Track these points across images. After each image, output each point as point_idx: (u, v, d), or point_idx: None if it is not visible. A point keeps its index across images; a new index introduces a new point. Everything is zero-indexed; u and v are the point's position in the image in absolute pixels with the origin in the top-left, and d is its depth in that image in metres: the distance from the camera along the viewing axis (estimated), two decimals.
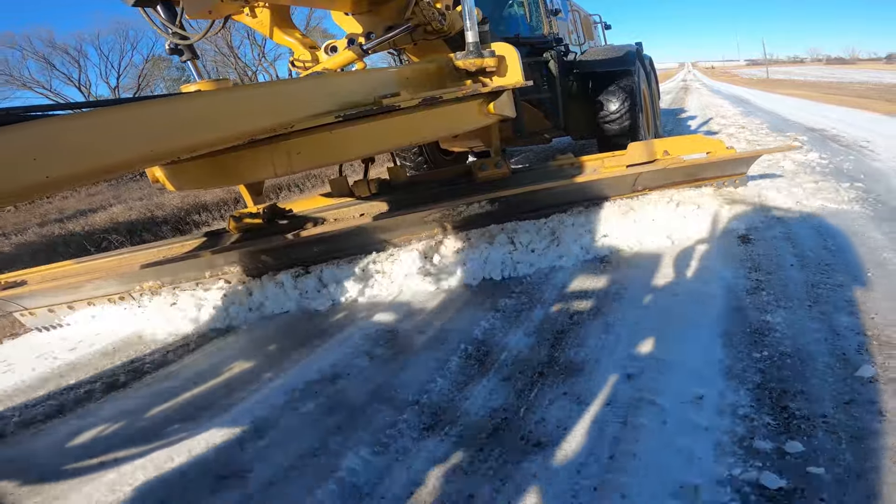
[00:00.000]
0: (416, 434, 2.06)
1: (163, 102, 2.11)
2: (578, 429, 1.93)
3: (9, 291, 3.89)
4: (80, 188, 11.92)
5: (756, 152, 4.09)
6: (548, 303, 3.04)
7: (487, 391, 2.26)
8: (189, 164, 2.82)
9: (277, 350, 3.08)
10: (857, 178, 4.64)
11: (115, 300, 3.98)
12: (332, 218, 4.09)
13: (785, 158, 5.48)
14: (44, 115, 1.67)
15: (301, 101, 2.62)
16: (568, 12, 6.58)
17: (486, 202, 3.70)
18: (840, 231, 3.42)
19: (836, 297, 2.58)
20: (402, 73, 3.46)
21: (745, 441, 1.74)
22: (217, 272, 3.89)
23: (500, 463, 1.83)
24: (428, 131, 3.55)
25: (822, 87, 19.41)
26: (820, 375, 2.01)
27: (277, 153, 2.86)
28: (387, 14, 3.78)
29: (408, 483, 1.81)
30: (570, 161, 4.18)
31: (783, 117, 10.67)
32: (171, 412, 2.55)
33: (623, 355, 2.36)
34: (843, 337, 2.23)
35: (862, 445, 1.64)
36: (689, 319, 2.59)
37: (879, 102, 11.34)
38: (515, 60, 3.64)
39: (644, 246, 3.55)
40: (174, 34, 2.93)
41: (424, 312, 3.22)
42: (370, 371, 2.63)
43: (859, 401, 1.84)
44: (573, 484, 1.68)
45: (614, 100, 5.52)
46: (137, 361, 3.23)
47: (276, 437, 2.18)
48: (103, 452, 2.27)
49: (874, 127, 7.95)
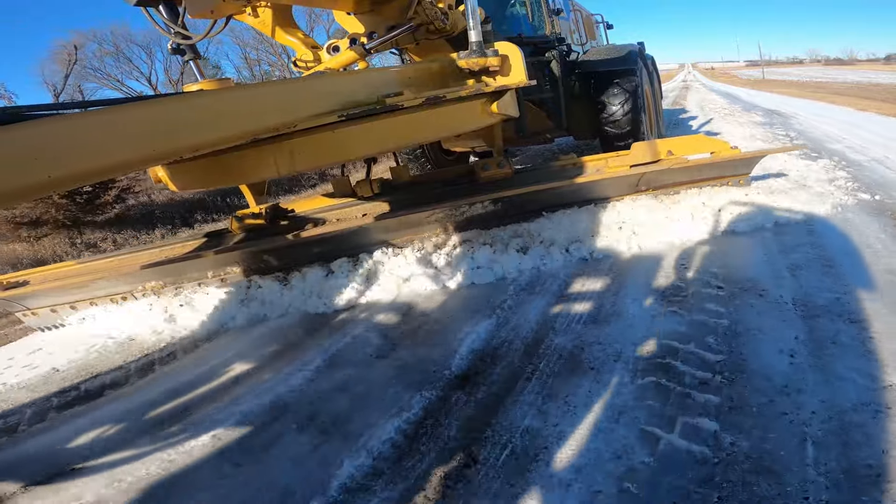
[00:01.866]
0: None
1: (165, 102, 2.10)
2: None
3: (11, 291, 3.89)
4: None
5: (760, 152, 4.06)
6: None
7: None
8: (191, 163, 2.81)
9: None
10: (776, 123, 9.51)
11: (118, 300, 3.96)
12: (335, 218, 4.08)
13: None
14: (45, 114, 1.66)
15: (304, 101, 2.61)
16: (570, 12, 6.57)
17: (489, 202, 3.68)
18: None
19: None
20: (404, 72, 3.44)
21: None
22: (219, 272, 3.88)
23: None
24: (431, 131, 3.54)
25: (807, 86, 21.07)
26: None
27: (280, 153, 2.85)
28: (389, 13, 3.77)
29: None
30: (573, 161, 4.17)
31: (755, 104, 14.83)
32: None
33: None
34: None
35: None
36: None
37: (843, 97, 13.87)
38: (519, 60, 3.63)
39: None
40: (176, 34, 2.92)
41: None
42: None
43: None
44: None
45: (617, 100, 5.50)
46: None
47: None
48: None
49: (814, 109, 11.64)
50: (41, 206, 7.50)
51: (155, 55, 23.26)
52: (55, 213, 7.60)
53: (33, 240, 7.54)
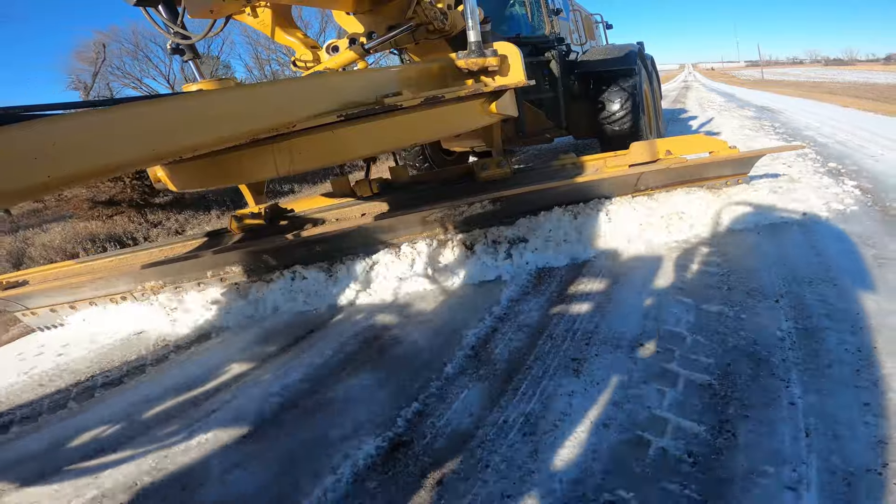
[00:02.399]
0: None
1: (165, 102, 2.11)
2: None
3: (11, 291, 3.89)
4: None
5: (759, 152, 4.06)
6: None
7: None
8: (191, 163, 2.81)
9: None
10: (765, 118, 10.67)
11: (118, 300, 3.97)
12: (334, 218, 4.08)
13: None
14: (45, 114, 1.67)
15: (303, 101, 2.61)
16: (569, 12, 6.57)
17: (488, 202, 3.69)
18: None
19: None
20: (403, 72, 3.45)
21: None
22: (218, 272, 3.88)
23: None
24: (430, 131, 3.54)
25: (803, 86, 22.00)
26: None
27: (279, 153, 2.85)
28: (388, 13, 3.77)
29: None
30: (572, 161, 4.17)
31: (748, 101, 16.21)
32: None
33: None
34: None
35: None
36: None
37: (834, 95, 14.60)
38: (518, 60, 3.63)
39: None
40: (176, 34, 2.93)
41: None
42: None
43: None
44: None
45: (616, 100, 5.51)
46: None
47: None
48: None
49: (802, 106, 12.71)
50: (118, 185, 8.01)
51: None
52: (130, 193, 8.09)
53: (105, 218, 7.99)
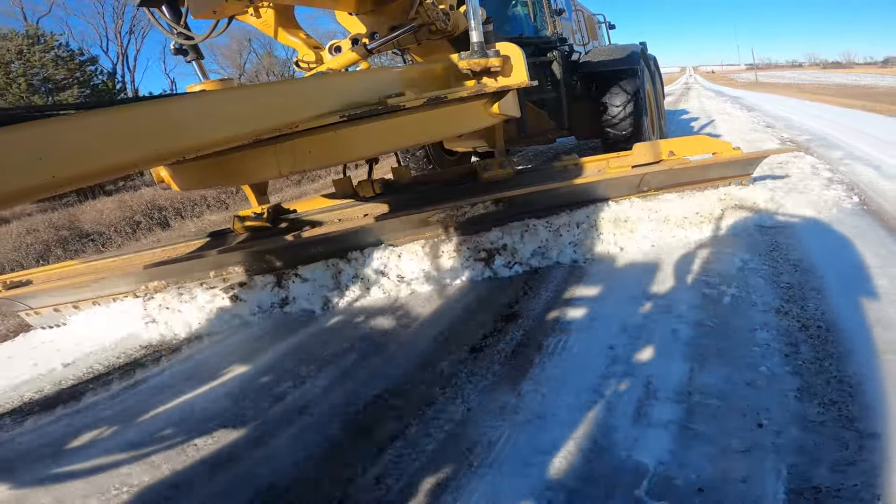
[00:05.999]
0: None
1: (168, 102, 2.11)
2: None
3: (14, 291, 3.90)
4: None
5: (762, 153, 4.07)
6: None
7: None
8: (194, 164, 2.82)
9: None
10: (750, 109, 13.80)
11: (121, 300, 3.97)
12: (336, 218, 4.08)
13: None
14: (49, 115, 1.67)
15: (306, 101, 2.61)
16: (572, 12, 6.57)
17: (491, 203, 3.68)
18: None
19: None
20: (406, 72, 3.45)
21: None
22: (221, 272, 3.89)
23: None
24: (433, 131, 3.54)
25: (791, 87, 24.26)
26: None
27: (282, 153, 2.85)
28: (391, 14, 3.77)
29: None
30: (574, 161, 4.17)
31: (740, 101, 18.47)
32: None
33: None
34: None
35: None
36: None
37: (817, 95, 16.47)
38: (520, 60, 3.63)
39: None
40: (179, 34, 2.93)
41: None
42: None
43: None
44: None
45: (618, 100, 5.49)
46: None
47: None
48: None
49: (780, 101, 15.93)
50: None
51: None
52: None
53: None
